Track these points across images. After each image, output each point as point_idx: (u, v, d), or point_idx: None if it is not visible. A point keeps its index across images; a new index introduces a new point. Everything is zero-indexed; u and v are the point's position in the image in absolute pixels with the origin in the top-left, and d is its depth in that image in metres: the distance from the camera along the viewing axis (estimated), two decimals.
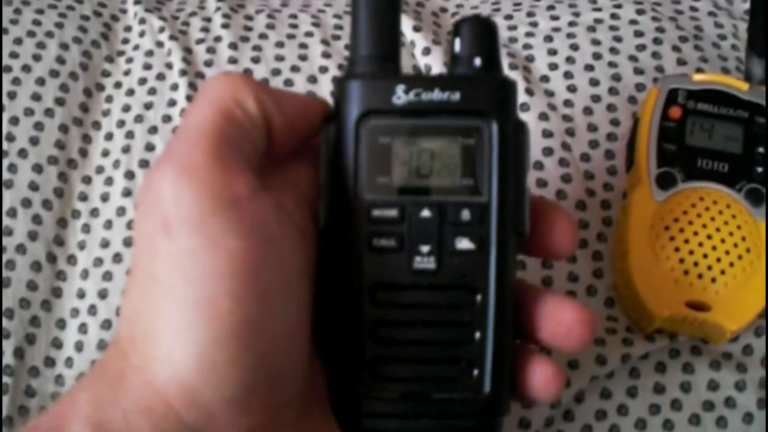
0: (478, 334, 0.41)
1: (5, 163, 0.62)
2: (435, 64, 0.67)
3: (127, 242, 0.60)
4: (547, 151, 0.62)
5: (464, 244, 0.41)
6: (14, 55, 0.66)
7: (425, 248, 0.41)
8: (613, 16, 0.69)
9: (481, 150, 0.41)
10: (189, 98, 0.65)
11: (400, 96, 0.41)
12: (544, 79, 0.66)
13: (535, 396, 0.42)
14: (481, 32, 0.43)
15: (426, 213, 0.41)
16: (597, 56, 0.67)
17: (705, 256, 0.53)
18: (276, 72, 0.67)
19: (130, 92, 0.67)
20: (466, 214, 0.41)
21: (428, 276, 0.41)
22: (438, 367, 0.41)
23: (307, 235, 0.41)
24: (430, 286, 0.41)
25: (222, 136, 0.38)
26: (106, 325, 0.58)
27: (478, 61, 0.42)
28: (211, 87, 0.40)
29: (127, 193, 0.62)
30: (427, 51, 0.68)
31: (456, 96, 0.41)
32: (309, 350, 0.40)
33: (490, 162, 0.41)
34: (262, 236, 0.38)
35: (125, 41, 0.70)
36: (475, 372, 0.41)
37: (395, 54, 0.43)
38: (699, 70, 0.65)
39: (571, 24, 0.69)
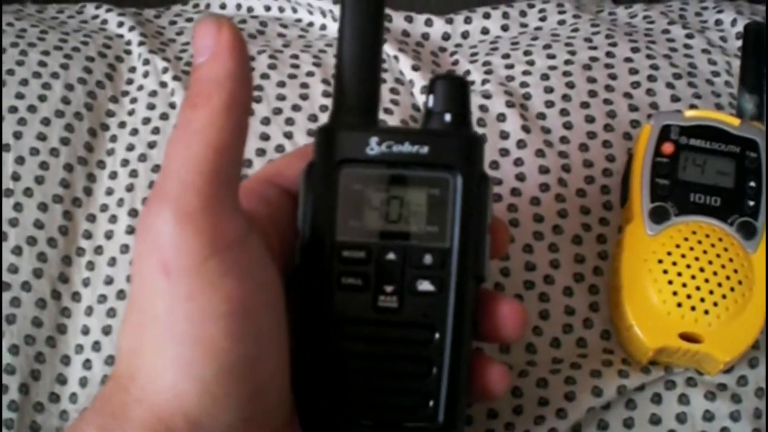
0: (435, 369, 0.44)
1: (11, 202, 0.63)
2: None
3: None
4: (544, 187, 0.63)
5: (425, 286, 0.44)
6: (20, 96, 0.67)
7: (389, 288, 0.44)
8: (609, 54, 0.71)
9: (446, 200, 0.44)
10: None
11: (374, 147, 0.43)
12: (541, 116, 0.67)
13: (490, 390, 0.46)
14: (453, 90, 0.45)
15: (391, 256, 0.44)
16: (592, 94, 0.68)
17: (697, 288, 0.54)
18: (277, 111, 0.68)
19: (134, 132, 0.68)
20: (428, 259, 0.44)
21: (391, 314, 0.44)
22: (397, 398, 0.44)
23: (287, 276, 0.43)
24: (392, 324, 0.44)
25: (216, 174, 0.38)
26: (110, 361, 0.59)
27: (448, 117, 0.45)
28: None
29: (130, 231, 0.63)
30: (426, 89, 0.69)
31: (425, 149, 0.43)
32: (289, 386, 0.42)
33: (454, 212, 0.44)
34: (255, 278, 0.39)
35: (129, 82, 0.71)
36: (431, 403, 0.44)
37: (374, 107, 0.45)
38: (693, 107, 0.66)
39: (567, 62, 0.70)
